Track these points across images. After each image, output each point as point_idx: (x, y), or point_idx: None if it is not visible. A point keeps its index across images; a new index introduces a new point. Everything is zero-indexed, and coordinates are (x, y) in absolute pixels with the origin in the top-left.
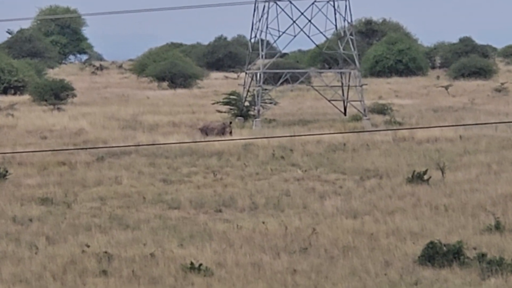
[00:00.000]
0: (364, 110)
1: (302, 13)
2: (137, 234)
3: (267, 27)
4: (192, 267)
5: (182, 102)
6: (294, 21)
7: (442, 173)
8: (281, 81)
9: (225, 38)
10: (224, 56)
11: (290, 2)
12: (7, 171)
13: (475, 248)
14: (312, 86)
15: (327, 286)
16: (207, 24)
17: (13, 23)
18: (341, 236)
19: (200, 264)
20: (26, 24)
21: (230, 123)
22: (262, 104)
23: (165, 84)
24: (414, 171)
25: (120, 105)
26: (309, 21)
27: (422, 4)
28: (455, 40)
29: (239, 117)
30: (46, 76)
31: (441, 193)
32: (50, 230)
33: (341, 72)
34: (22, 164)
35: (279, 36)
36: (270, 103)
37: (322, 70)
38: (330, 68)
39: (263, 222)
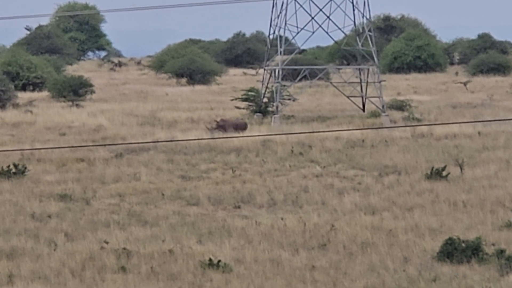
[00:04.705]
0: (383, 106)
1: (320, 9)
2: (155, 231)
3: (285, 24)
4: (210, 264)
5: (200, 98)
6: (312, 18)
7: (461, 169)
8: (299, 77)
9: (244, 35)
10: (242, 52)
11: None
12: (26, 168)
13: (493, 244)
14: (330, 83)
15: (346, 282)
16: (225, 20)
17: (31, 19)
18: (359, 232)
19: (219, 261)
20: (44, 21)
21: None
22: (281, 100)
23: (183, 80)
24: (432, 167)
25: (138, 102)
26: (328, 17)
27: (441, 0)
28: (473, 36)
29: (258, 114)
30: (64, 73)
31: (459, 189)
32: (69, 226)
33: (359, 69)
34: (41, 161)
35: (298, 33)
36: (289, 99)
37: (340, 67)
38: (348, 64)
39: (282, 219)
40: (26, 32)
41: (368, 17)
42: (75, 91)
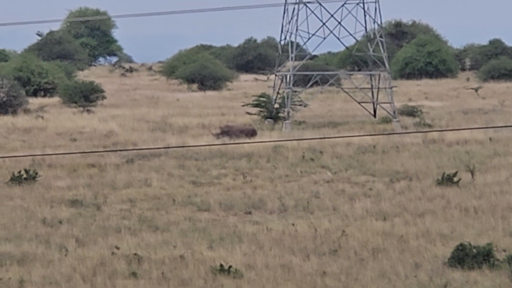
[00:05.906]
0: (394, 112)
1: (332, 15)
2: (166, 236)
3: (297, 29)
4: (221, 269)
5: (211, 104)
6: (324, 23)
7: (472, 175)
8: (311, 83)
9: (255, 40)
10: (254, 58)
11: (320, 4)
12: (37, 173)
13: (504, 250)
14: (342, 88)
15: None
16: (236, 26)
17: (43, 25)
18: (370, 238)
19: (230, 266)
20: (56, 26)
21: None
22: (292, 106)
23: (195, 86)
24: (444, 173)
25: (149, 107)
26: (339, 23)
27: (452, 6)
28: (485, 42)
29: (269, 119)
30: (76, 78)
31: (471, 195)
32: (80, 232)
33: (370, 74)
34: (52, 166)
35: (309, 38)
36: (300, 105)
37: (352, 72)
38: (359, 70)
39: (293, 224)
40: (37, 37)
41: (379, 23)
42: (86, 96)
